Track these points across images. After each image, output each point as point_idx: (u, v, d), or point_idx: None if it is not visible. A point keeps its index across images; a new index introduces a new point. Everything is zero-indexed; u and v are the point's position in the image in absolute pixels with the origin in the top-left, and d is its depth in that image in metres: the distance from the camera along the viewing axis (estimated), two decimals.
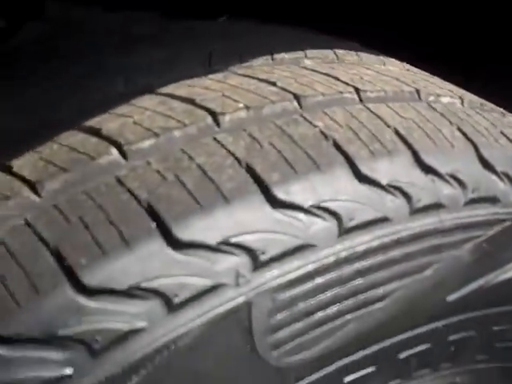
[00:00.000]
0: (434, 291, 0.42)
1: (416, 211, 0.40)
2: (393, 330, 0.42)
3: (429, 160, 0.41)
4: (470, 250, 0.43)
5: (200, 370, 0.36)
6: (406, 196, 0.40)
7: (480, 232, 0.44)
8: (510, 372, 0.54)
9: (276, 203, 0.36)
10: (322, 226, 0.37)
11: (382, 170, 0.40)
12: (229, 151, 0.37)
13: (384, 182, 0.39)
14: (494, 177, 0.45)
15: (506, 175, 0.45)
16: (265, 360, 0.37)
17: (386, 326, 0.41)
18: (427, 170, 0.41)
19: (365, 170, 0.39)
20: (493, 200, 0.44)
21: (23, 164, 0.37)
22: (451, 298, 0.43)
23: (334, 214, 0.38)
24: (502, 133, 0.48)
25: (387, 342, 0.42)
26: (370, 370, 0.42)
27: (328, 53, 0.51)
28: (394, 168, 0.40)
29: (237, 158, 0.37)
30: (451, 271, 0.43)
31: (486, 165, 0.44)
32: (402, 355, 0.43)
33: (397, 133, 0.42)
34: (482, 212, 0.44)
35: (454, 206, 0.42)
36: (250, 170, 0.37)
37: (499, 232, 0.45)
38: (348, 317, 0.39)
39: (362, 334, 0.40)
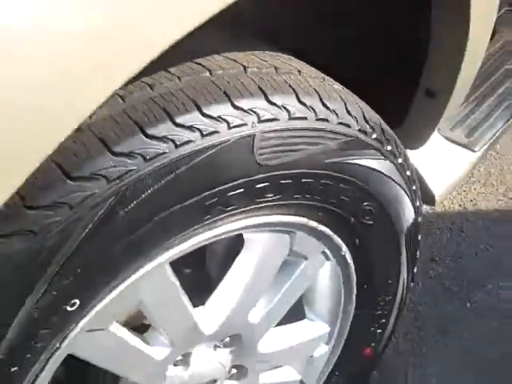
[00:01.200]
0: (320, 154, 1.01)
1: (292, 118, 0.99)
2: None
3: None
4: (335, 144, 1.03)
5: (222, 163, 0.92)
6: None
7: (336, 136, 1.03)
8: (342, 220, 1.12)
9: None
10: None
11: None
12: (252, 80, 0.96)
13: None
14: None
15: None
16: (258, 162, 0.94)
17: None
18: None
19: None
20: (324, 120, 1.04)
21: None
22: (327, 161, 1.02)
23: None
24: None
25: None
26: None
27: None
28: None
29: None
30: (328, 150, 1.02)
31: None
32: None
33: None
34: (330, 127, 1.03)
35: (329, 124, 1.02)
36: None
37: (346, 141, 1.04)
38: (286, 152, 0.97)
39: (293, 161, 0.98)
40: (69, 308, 0.86)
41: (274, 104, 0.94)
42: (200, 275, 1.17)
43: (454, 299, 1.83)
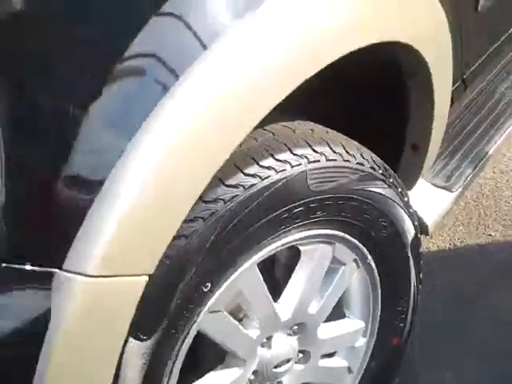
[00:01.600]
0: (347, 184, 1.53)
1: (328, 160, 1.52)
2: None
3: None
4: (356, 177, 1.55)
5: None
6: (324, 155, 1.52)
7: (356, 172, 1.56)
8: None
9: None
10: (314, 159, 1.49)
11: None
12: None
13: None
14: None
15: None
16: (310, 188, 1.45)
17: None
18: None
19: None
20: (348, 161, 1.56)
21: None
22: (353, 188, 1.54)
23: None
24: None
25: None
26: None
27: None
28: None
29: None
30: (352, 181, 1.54)
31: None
32: None
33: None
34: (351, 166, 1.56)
35: (350, 164, 1.54)
36: None
37: (363, 175, 1.57)
38: (327, 182, 1.49)
39: (332, 188, 1.50)
40: (204, 289, 1.35)
41: (316, 151, 1.47)
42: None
43: (455, 316, 2.32)
